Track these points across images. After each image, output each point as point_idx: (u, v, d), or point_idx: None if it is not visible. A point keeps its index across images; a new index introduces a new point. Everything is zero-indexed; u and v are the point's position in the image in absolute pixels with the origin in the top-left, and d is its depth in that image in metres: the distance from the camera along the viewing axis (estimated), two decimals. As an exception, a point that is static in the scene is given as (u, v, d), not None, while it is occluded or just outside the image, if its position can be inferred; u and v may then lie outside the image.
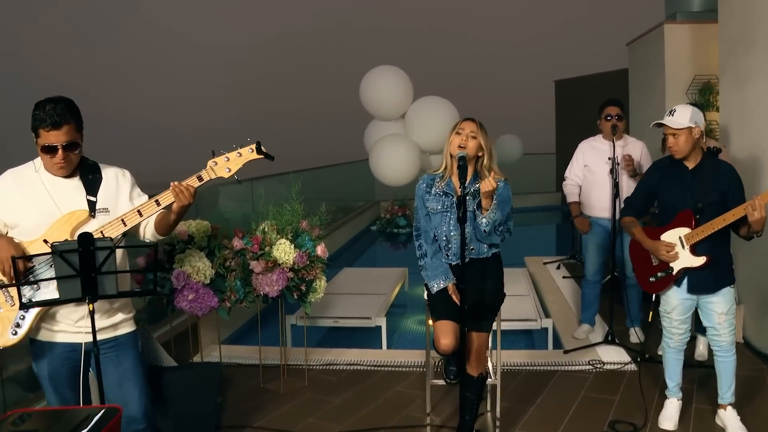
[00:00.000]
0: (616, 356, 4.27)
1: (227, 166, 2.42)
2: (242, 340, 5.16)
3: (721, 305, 3.06)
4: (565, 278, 6.68)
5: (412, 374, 4.14)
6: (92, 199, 2.35)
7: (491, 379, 3.32)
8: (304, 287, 3.74)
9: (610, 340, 4.46)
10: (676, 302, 3.15)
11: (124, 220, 2.33)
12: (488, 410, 3.51)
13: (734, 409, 3.15)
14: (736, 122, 4.49)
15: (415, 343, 5.15)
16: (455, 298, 2.81)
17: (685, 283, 3.11)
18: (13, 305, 2.26)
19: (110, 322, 2.42)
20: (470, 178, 2.84)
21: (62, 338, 2.34)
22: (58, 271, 2.07)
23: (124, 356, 2.45)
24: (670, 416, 3.25)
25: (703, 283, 3.07)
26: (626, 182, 4.35)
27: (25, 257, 2.18)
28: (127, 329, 2.48)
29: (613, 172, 4.22)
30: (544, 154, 14.71)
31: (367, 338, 5.13)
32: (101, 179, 2.41)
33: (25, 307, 2.17)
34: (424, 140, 5.43)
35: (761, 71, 4.08)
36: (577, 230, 4.92)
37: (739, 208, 2.84)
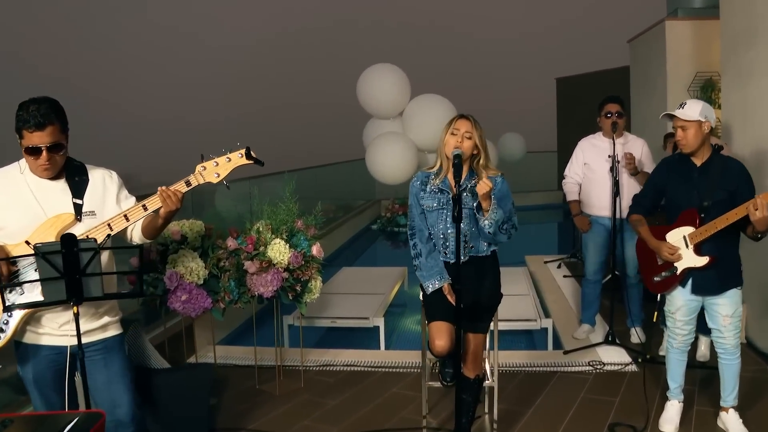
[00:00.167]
0: (616, 357, 4.21)
1: (216, 171, 2.38)
2: (239, 340, 5.12)
3: (726, 307, 2.99)
4: (565, 277, 6.62)
5: (409, 375, 4.09)
6: (78, 201, 2.31)
7: (488, 381, 3.27)
8: (299, 288, 3.69)
9: (610, 340, 4.41)
10: (680, 303, 3.09)
11: (110, 224, 2.28)
12: (486, 412, 3.46)
13: (736, 411, 3.09)
14: (738, 119, 4.43)
15: (413, 343, 5.10)
16: (450, 298, 2.76)
17: (689, 283, 3.04)
18: (-3, 308, 2.21)
19: (97, 324, 2.37)
20: (466, 175, 2.79)
21: (47, 341, 2.30)
22: (42, 273, 2.03)
23: (111, 359, 2.40)
24: (670, 419, 3.19)
25: (707, 284, 3.00)
26: (626, 180, 4.29)
27: (7, 259, 2.14)
28: (114, 332, 2.44)
29: (613, 170, 4.16)
30: (545, 152, 14.64)
31: (365, 338, 5.09)
32: (88, 181, 2.36)
33: (9, 309, 2.13)
34: (421, 138, 5.39)
35: (763, 67, 4.02)
36: (577, 229, 4.86)
37: (741, 207, 2.75)
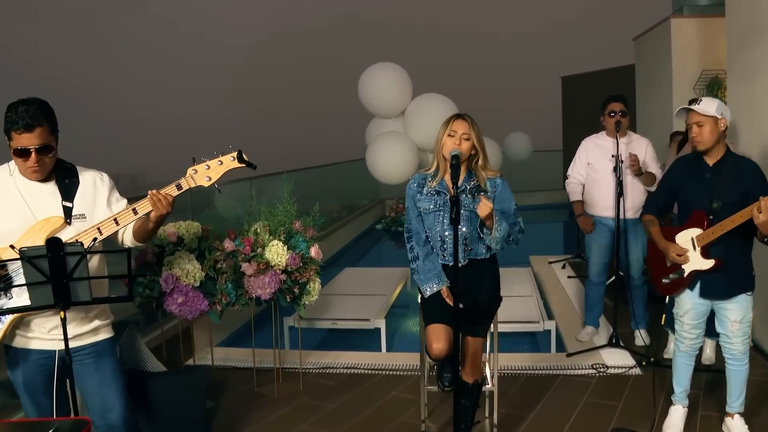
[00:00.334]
0: (620, 360, 4.14)
1: (207, 174, 2.34)
2: (239, 342, 5.08)
3: (735, 312, 2.91)
4: (570, 278, 6.55)
5: (410, 378, 4.04)
6: (68, 204, 2.27)
7: (488, 385, 3.21)
8: (297, 290, 3.64)
9: (614, 342, 4.34)
10: (688, 306, 3.01)
11: (100, 228, 2.25)
12: (486, 417, 3.41)
13: (742, 417, 3.02)
14: (744, 117, 4.36)
15: (415, 345, 5.01)
16: (449, 301, 2.71)
17: (698, 286, 2.96)
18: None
19: (87, 328, 2.34)
20: (464, 176, 2.74)
21: (37, 345, 2.27)
22: (28, 277, 1.99)
23: (102, 363, 2.37)
24: (674, 424, 3.12)
25: (716, 287, 2.92)
26: (630, 181, 4.23)
27: (-7, 263, 2.10)
28: (105, 335, 2.41)
29: (616, 170, 4.10)
30: (550, 151, 14.56)
31: (367, 340, 5.04)
32: (78, 184, 2.32)
33: (-4, 314, 2.09)
34: (423, 138, 5.33)
35: (770, 65, 3.94)
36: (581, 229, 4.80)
37: (746, 209, 2.65)
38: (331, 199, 10.78)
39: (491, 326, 3.02)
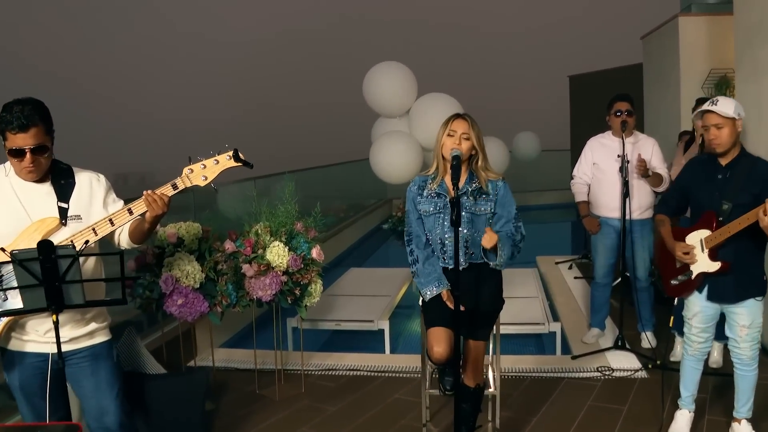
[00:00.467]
0: (626, 362, 4.09)
1: (203, 173, 2.30)
2: (242, 343, 5.05)
3: (743, 317, 2.84)
4: (576, 279, 6.49)
5: (412, 381, 3.99)
6: (64, 205, 2.25)
7: (490, 389, 3.17)
8: (298, 291, 3.61)
9: (620, 345, 4.28)
10: (697, 309, 2.96)
11: (95, 229, 2.22)
12: (489, 420, 3.36)
13: (749, 423, 2.96)
14: (753, 116, 4.28)
15: (419, 347, 5.00)
16: (449, 304, 2.67)
17: (706, 289, 2.90)
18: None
19: (83, 331, 2.32)
20: (465, 177, 2.70)
21: (32, 348, 2.25)
22: (20, 280, 1.97)
23: (98, 366, 2.35)
24: (680, 429, 3.07)
25: (723, 291, 2.86)
26: (636, 181, 4.17)
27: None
28: (101, 338, 2.38)
29: (622, 170, 4.04)
30: (558, 150, 14.46)
31: (371, 341, 5.00)
32: (74, 184, 2.30)
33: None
34: (427, 137, 5.28)
35: (779, 63, 3.88)
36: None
37: (753, 211, 2.58)
38: (337, 198, 10.75)
39: (494, 329, 2.98)
